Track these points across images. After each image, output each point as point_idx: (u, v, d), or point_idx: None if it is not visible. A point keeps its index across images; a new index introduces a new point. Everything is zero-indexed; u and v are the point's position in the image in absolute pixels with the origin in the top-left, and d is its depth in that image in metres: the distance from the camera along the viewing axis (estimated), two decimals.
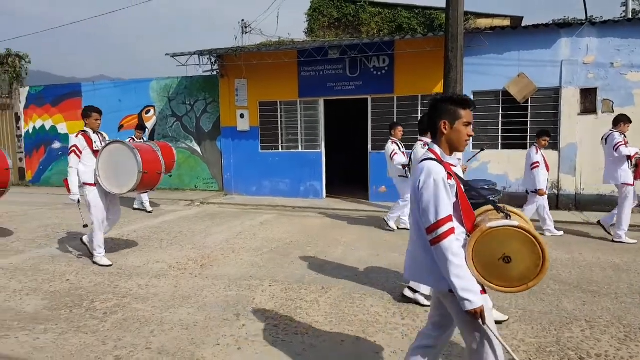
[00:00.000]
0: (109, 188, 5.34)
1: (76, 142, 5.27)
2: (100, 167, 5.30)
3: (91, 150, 5.33)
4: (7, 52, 14.08)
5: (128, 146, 5.33)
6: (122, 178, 5.29)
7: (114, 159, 5.31)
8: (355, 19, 13.43)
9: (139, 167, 5.20)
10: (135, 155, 5.23)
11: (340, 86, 9.97)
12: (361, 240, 6.57)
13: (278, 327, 3.66)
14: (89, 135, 5.35)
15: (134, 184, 5.25)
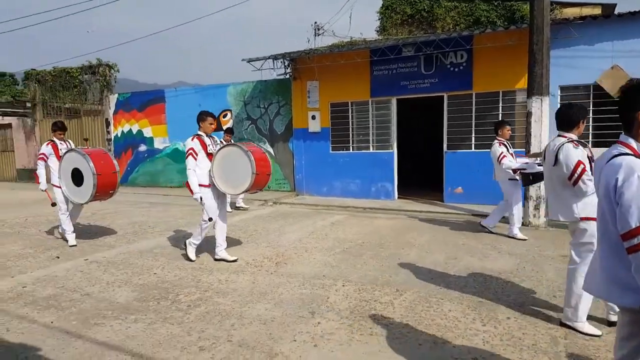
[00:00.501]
0: (224, 189, 5.51)
1: (192, 145, 5.45)
2: (215, 169, 5.47)
3: (205, 153, 5.49)
4: (98, 62, 15.32)
5: (242, 149, 5.42)
6: (237, 180, 5.43)
7: (228, 161, 5.46)
8: (429, 15, 13.12)
9: (252, 169, 5.29)
10: (249, 157, 5.33)
11: (414, 84, 9.76)
12: (436, 243, 6.38)
13: (353, 327, 3.64)
14: (203, 139, 5.53)
15: (248, 185, 5.36)
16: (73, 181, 6.36)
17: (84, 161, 6.19)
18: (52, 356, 3.22)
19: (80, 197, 6.38)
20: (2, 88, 42.31)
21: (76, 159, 6.30)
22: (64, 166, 6.43)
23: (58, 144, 6.73)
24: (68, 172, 6.38)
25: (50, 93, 16.18)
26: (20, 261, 5.77)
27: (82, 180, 6.26)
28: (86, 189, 6.24)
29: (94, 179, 6.13)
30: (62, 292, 4.55)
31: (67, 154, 6.43)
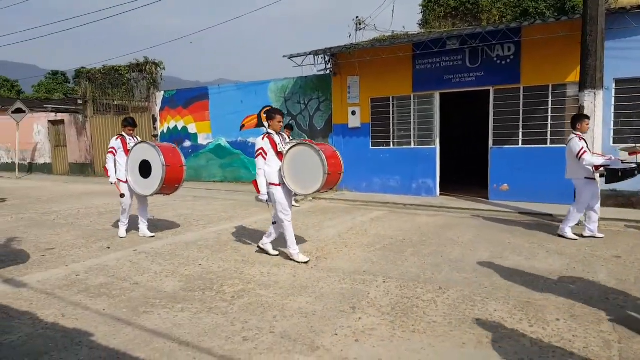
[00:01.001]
0: (294, 188, 5.37)
1: (262, 145, 5.35)
2: (285, 168, 5.36)
3: (275, 152, 5.39)
4: (145, 60, 15.82)
5: (313, 148, 5.26)
6: (308, 180, 5.28)
7: (298, 161, 5.32)
8: (474, 7, 12.76)
9: (324, 169, 5.14)
10: (321, 157, 5.17)
11: (458, 78, 9.54)
12: (480, 241, 6.22)
13: (394, 324, 3.61)
14: (273, 138, 5.41)
15: (320, 185, 5.22)
16: (141, 173, 6.46)
17: (154, 152, 6.29)
18: (105, 342, 3.36)
19: (147, 189, 6.47)
20: (55, 86, 44.58)
21: (146, 150, 6.42)
22: (133, 157, 6.54)
23: (127, 139, 6.77)
24: (136, 163, 6.49)
25: (100, 90, 16.86)
26: (73, 250, 6.06)
27: (149, 172, 6.37)
28: (153, 180, 6.34)
29: (163, 171, 6.19)
30: (112, 281, 4.75)
31: (137, 146, 6.55)
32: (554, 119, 8.72)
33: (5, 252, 5.99)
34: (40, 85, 46.04)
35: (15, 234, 7.12)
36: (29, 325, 3.66)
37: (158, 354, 3.16)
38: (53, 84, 45.53)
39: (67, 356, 3.14)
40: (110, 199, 10.93)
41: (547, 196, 8.59)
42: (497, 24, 10.15)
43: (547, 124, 8.78)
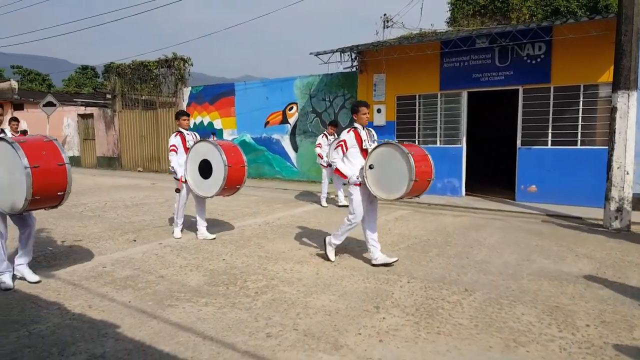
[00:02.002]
0: (376, 192, 4.91)
1: (346, 138, 4.96)
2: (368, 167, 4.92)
3: (360, 148, 4.98)
4: (173, 56, 16.03)
5: (401, 150, 4.74)
6: (391, 183, 4.81)
7: (382, 162, 4.84)
8: (504, 5, 12.52)
9: (411, 175, 4.61)
10: (409, 161, 4.64)
11: (486, 77, 9.37)
12: (507, 243, 6.09)
13: (419, 325, 3.56)
14: (359, 132, 4.99)
15: (404, 191, 4.72)
16: (201, 174, 6.03)
17: (216, 152, 5.85)
18: (130, 334, 3.41)
19: (207, 190, 6.02)
20: (85, 80, 45.66)
21: (206, 149, 5.97)
22: (192, 157, 6.12)
23: (185, 135, 6.38)
24: (195, 164, 6.07)
25: (128, 85, 17.17)
26: (100, 243, 6.19)
27: (210, 173, 5.93)
28: (214, 181, 5.89)
29: (225, 171, 5.73)
30: (138, 274, 4.82)
31: (196, 145, 6.11)
32: (584, 119, 8.49)
33: (35, 243, 6.14)
34: (70, 79, 47.20)
35: (44, 225, 7.30)
36: (57, 315, 3.74)
37: (182, 348, 3.19)
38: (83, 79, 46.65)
39: (93, 347, 3.20)
40: (137, 192, 11.14)
41: (576, 198, 8.37)
42: (527, 23, 9.92)
43: (577, 124, 8.55)
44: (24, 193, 4.03)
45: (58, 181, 4.25)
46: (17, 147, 4.05)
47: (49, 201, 4.30)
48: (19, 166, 4.02)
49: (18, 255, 4.61)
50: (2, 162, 4.19)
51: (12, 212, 4.26)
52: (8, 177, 4.17)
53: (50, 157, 4.23)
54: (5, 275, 4.41)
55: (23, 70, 45.73)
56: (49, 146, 4.31)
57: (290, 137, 13.18)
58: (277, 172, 13.65)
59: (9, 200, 4.21)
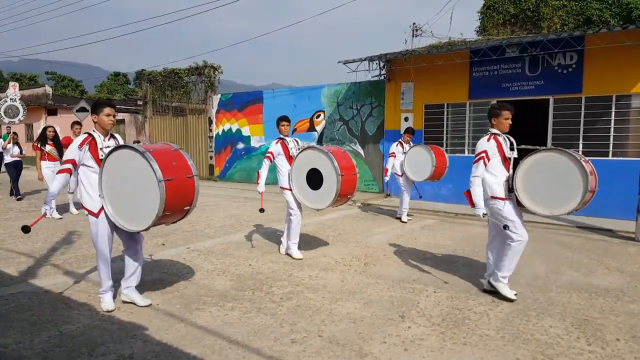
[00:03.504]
0: (531, 206, 4.31)
1: (486, 148, 4.25)
2: (521, 180, 4.31)
3: (502, 157, 4.31)
4: (204, 64, 16.36)
5: (573, 157, 4.12)
6: (557, 196, 4.18)
7: (544, 173, 4.23)
8: (534, 14, 12.34)
9: (585, 186, 4.01)
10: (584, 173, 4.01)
11: (516, 86, 9.25)
12: (536, 255, 5.98)
13: (445, 335, 3.53)
14: (500, 140, 4.32)
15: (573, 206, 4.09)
16: (309, 184, 5.53)
17: (326, 159, 5.31)
18: (158, 336, 3.49)
19: (317, 202, 5.50)
20: (116, 87, 47.00)
21: (315, 157, 5.47)
22: (298, 166, 5.61)
23: (287, 142, 5.82)
24: (303, 173, 5.57)
25: (159, 92, 17.59)
26: None
27: (320, 182, 5.41)
28: (326, 192, 5.36)
29: (338, 180, 5.22)
30: (166, 277, 4.93)
31: (303, 153, 5.58)
32: (616, 130, 8.28)
33: (66, 245, 6.36)
34: (103, 85, 48.63)
35: (75, 227, 7.54)
36: (87, 316, 3.85)
37: (209, 351, 3.25)
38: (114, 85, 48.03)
39: (122, 348, 3.28)
40: None
41: (608, 211, 8.13)
42: (559, 32, 9.76)
43: (609, 135, 8.34)
44: (155, 209, 3.53)
45: (186, 195, 3.79)
46: (149, 157, 3.53)
47: (175, 216, 3.82)
48: (151, 179, 3.51)
49: (125, 278, 4.12)
50: (129, 173, 3.68)
51: (135, 228, 3.74)
52: (135, 191, 3.68)
53: (180, 168, 3.76)
54: (108, 295, 4.01)
55: (57, 76, 47.39)
56: (177, 156, 3.84)
57: (318, 144, 13.26)
58: None
59: (134, 216, 3.73)
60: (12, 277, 4.87)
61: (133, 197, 3.70)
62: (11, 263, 5.39)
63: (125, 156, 3.69)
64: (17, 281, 4.75)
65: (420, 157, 7.94)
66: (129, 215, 3.76)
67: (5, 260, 5.52)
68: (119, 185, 3.74)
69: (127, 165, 3.68)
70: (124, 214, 3.78)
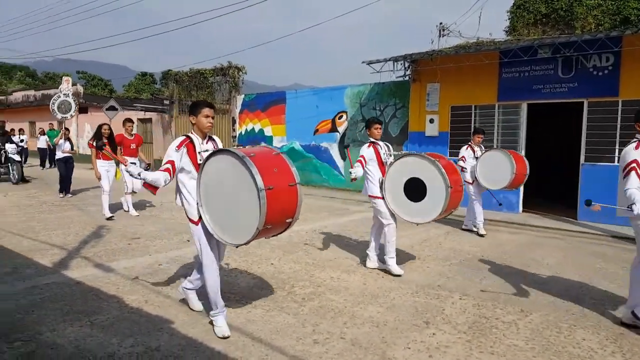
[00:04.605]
0: None
1: (637, 157, 3.73)
2: None
3: None
4: (229, 65, 16.48)
5: None
6: None
7: None
8: (567, 14, 11.99)
9: None
10: None
11: (548, 88, 8.98)
12: (567, 264, 5.78)
13: (471, 343, 3.42)
14: None
15: None
16: (407, 195, 4.98)
17: (433, 170, 4.81)
18: (183, 330, 3.50)
19: (418, 215, 4.96)
20: (143, 86, 47.86)
21: (418, 166, 4.93)
22: (394, 175, 5.07)
23: (379, 147, 5.25)
24: (399, 182, 5.02)
25: (185, 92, 17.80)
26: (156, 241, 6.40)
27: (422, 194, 4.87)
28: (430, 205, 4.83)
29: (447, 194, 4.69)
30: (191, 273, 4.93)
31: (401, 160, 5.07)
32: None
33: (97, 239, 6.46)
34: (130, 85, 49.61)
35: (104, 222, 7.68)
36: (116, 308, 3.91)
37: (232, 347, 3.23)
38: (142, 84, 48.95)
39: (149, 340, 3.31)
40: None
41: None
42: (594, 32, 9.45)
43: None
44: (254, 221, 3.11)
45: (289, 205, 3.33)
46: (249, 163, 3.10)
47: (276, 230, 3.40)
48: (251, 187, 3.10)
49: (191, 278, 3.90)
50: (227, 179, 3.29)
51: (233, 241, 3.34)
52: (233, 199, 3.28)
53: (281, 175, 3.30)
54: (221, 317, 3.55)
55: (87, 75, 48.60)
56: (278, 161, 3.38)
57: (339, 146, 13.18)
58: (325, 180, 13.67)
59: (232, 227, 3.35)
60: (46, 268, 5.01)
61: (232, 206, 3.30)
62: (45, 254, 5.52)
63: (223, 161, 3.29)
64: (51, 272, 4.88)
65: (497, 162, 7.16)
66: (227, 226, 3.37)
67: (40, 251, 5.66)
68: (217, 193, 3.35)
69: (225, 171, 3.28)
70: (222, 224, 3.39)
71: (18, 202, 9.65)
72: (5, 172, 13.42)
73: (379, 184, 5.16)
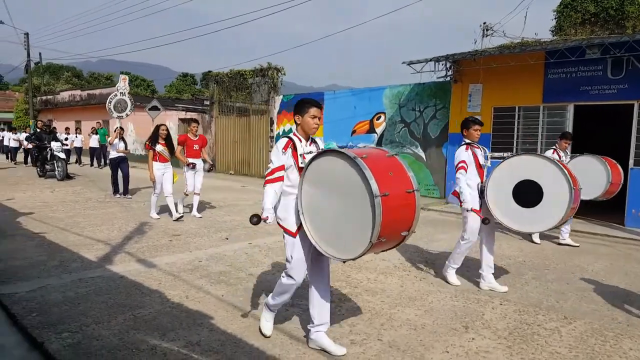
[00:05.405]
0: None
1: None
2: None
3: None
4: (268, 66, 16.69)
5: None
6: None
7: None
8: (618, 13, 11.51)
9: None
10: None
11: (597, 90, 8.65)
12: (614, 271, 5.55)
13: (512, 349, 3.35)
14: None
15: None
16: (515, 200, 4.47)
17: (550, 170, 4.31)
18: (223, 326, 3.58)
19: (533, 224, 4.46)
20: (184, 87, 49.12)
21: (533, 167, 4.40)
22: (500, 179, 4.56)
23: (477, 150, 4.78)
24: (507, 186, 4.52)
25: (225, 93, 18.16)
26: (196, 238, 6.57)
27: (537, 199, 4.36)
28: (546, 212, 4.31)
29: (570, 198, 4.17)
30: (230, 270, 5.05)
31: (508, 161, 4.58)
32: None
33: (139, 235, 6.70)
34: (172, 85, 50.97)
35: (146, 219, 7.93)
36: (158, 302, 4.03)
37: (271, 344, 3.29)
38: (183, 85, 50.23)
39: (190, 335, 3.41)
40: (228, 193, 11.71)
41: None
42: None
43: None
44: (367, 233, 2.69)
45: (405, 216, 2.87)
46: (362, 165, 2.69)
47: (389, 244, 2.92)
48: (363, 193, 2.70)
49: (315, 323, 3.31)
50: (335, 184, 2.91)
51: (341, 256, 2.92)
52: (341, 208, 2.88)
53: (397, 180, 2.87)
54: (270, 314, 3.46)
55: (131, 76, 50.35)
56: (393, 164, 2.96)
57: (377, 147, 13.13)
58: None
59: (339, 240, 2.92)
60: (91, 262, 5.21)
61: (339, 215, 2.88)
62: (90, 249, 5.76)
63: (330, 163, 2.91)
64: (96, 266, 5.08)
65: (589, 169, 6.61)
66: (333, 238, 2.95)
67: (85, 246, 5.91)
68: (322, 200, 2.96)
69: (332, 174, 2.89)
70: (326, 236, 2.98)
71: (64, 198, 10.10)
72: (51, 169, 14.05)
73: (478, 191, 4.69)
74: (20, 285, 4.37)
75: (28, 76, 30.89)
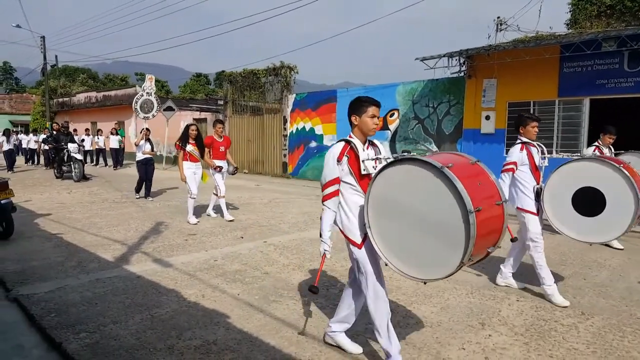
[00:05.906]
0: None
1: None
2: None
3: None
4: (281, 65, 16.73)
5: None
6: None
7: None
8: (634, 5, 11.29)
9: None
10: None
11: (613, 83, 8.53)
12: (632, 267, 5.48)
13: (529, 346, 3.34)
14: None
15: None
16: (575, 207, 4.21)
17: (614, 178, 3.98)
18: (239, 325, 3.63)
19: (594, 234, 4.15)
20: (198, 87, 49.47)
21: (597, 174, 4.09)
22: (558, 184, 4.27)
23: (535, 150, 4.44)
24: (567, 192, 4.24)
25: (238, 92, 18.26)
26: (211, 238, 6.64)
27: (599, 208, 4.06)
28: (610, 222, 4.03)
29: (637, 206, 3.86)
30: (245, 269, 5.10)
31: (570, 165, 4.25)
32: None
33: (155, 235, 6.78)
34: (186, 86, 51.32)
35: (162, 219, 8.02)
36: (175, 302, 4.09)
37: (286, 342, 3.32)
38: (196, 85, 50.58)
39: (206, 334, 3.45)
40: (242, 192, 11.78)
41: None
42: None
43: None
44: (457, 252, 2.41)
45: (494, 231, 2.60)
46: (452, 177, 2.39)
47: (474, 261, 2.58)
48: (451, 208, 2.40)
49: (337, 318, 3.28)
50: (411, 196, 2.61)
51: (415, 275, 2.64)
52: (417, 222, 2.59)
53: (486, 191, 2.61)
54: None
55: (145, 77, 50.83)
56: (478, 172, 2.69)
57: (390, 144, 13.08)
58: None
59: (413, 257, 2.65)
60: (108, 262, 5.29)
61: (416, 231, 2.59)
62: (107, 249, 5.85)
63: (408, 172, 2.60)
64: (113, 266, 5.15)
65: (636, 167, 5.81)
66: (407, 255, 2.66)
67: (103, 246, 6.01)
68: (395, 213, 2.67)
69: (410, 184, 2.60)
70: (398, 252, 2.70)
71: (81, 199, 10.26)
72: (68, 170, 14.29)
73: (534, 194, 4.37)
74: (39, 286, 4.45)
75: (44, 79, 31.44)
